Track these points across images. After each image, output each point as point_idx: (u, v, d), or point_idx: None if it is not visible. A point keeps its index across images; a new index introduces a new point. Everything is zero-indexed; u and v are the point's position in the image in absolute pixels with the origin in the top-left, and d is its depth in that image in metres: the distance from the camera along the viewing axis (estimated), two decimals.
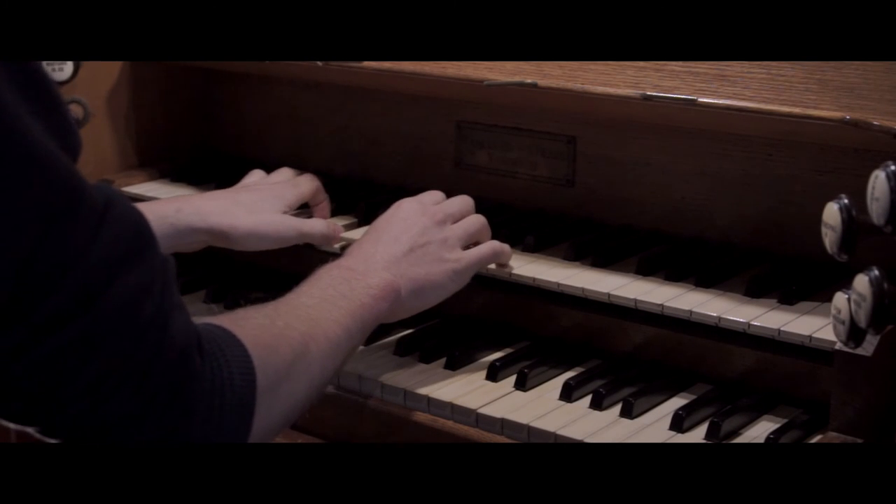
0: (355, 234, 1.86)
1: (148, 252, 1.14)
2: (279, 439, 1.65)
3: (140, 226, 1.15)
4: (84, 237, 1.08)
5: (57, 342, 1.08)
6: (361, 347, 1.76)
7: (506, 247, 1.74)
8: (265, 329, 1.31)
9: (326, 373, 1.39)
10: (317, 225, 1.85)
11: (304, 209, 1.94)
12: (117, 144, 2.21)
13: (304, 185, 1.92)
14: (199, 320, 1.24)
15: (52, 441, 1.18)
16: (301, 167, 2.20)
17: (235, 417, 1.21)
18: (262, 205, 1.82)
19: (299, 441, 1.66)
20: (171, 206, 1.77)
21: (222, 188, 1.96)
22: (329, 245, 1.87)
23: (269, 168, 2.09)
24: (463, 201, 1.75)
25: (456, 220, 1.71)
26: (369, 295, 1.50)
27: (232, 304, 1.93)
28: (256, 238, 1.79)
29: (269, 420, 1.26)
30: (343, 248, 1.84)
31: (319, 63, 1.87)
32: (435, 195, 1.75)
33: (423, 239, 1.63)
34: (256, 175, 1.97)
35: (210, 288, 2.01)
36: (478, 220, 1.73)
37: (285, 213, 1.85)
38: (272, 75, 2.20)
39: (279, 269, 1.99)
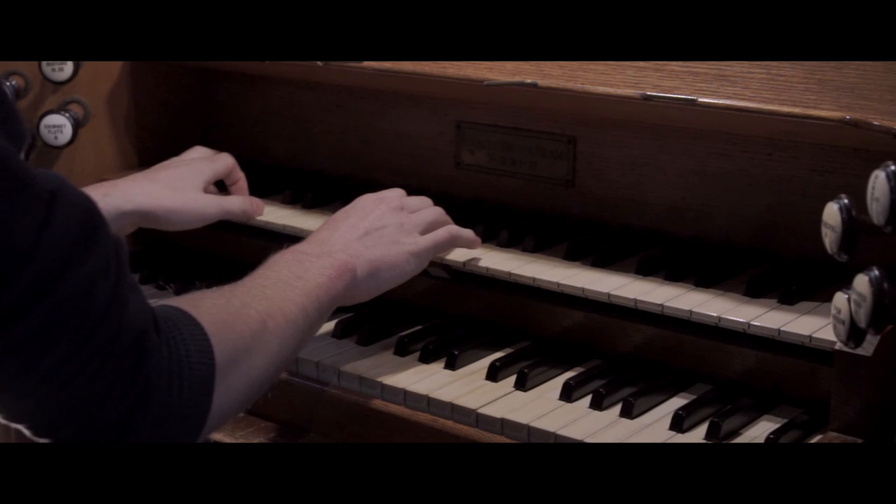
0: None
1: (100, 236, 1.15)
2: (278, 439, 1.66)
3: (90, 211, 1.15)
4: (34, 226, 1.09)
5: (16, 332, 1.09)
6: (361, 347, 1.76)
7: (465, 231, 1.76)
8: (221, 308, 1.32)
9: (285, 351, 1.40)
10: (236, 201, 1.94)
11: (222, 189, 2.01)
12: (117, 144, 2.21)
13: (220, 162, 1.98)
14: (155, 303, 1.25)
15: (16, 425, 1.18)
16: (300, 167, 2.20)
17: (195, 394, 1.22)
18: (183, 182, 1.88)
19: (299, 441, 1.66)
20: (98, 192, 1.79)
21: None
22: (250, 219, 1.97)
23: (267, 169, 2.09)
24: (422, 199, 1.78)
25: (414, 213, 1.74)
26: (324, 275, 1.52)
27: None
28: (181, 216, 1.86)
29: (229, 397, 1.28)
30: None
31: (319, 63, 1.87)
32: (396, 191, 1.78)
33: (379, 223, 1.67)
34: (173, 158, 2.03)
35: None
36: (435, 211, 1.76)
37: (205, 189, 1.91)
38: (272, 75, 2.20)
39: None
